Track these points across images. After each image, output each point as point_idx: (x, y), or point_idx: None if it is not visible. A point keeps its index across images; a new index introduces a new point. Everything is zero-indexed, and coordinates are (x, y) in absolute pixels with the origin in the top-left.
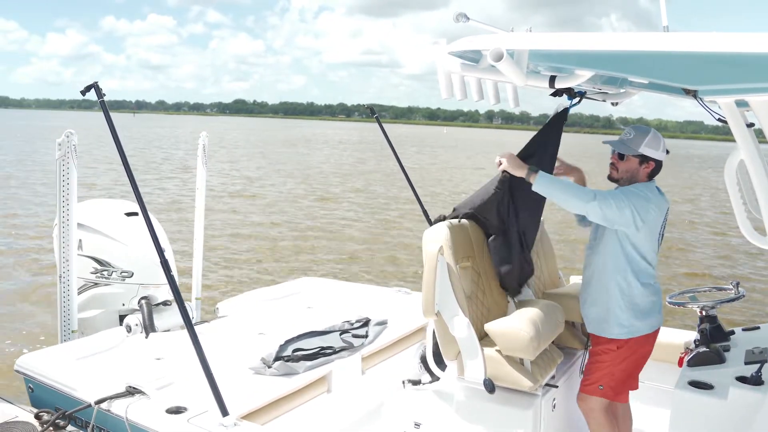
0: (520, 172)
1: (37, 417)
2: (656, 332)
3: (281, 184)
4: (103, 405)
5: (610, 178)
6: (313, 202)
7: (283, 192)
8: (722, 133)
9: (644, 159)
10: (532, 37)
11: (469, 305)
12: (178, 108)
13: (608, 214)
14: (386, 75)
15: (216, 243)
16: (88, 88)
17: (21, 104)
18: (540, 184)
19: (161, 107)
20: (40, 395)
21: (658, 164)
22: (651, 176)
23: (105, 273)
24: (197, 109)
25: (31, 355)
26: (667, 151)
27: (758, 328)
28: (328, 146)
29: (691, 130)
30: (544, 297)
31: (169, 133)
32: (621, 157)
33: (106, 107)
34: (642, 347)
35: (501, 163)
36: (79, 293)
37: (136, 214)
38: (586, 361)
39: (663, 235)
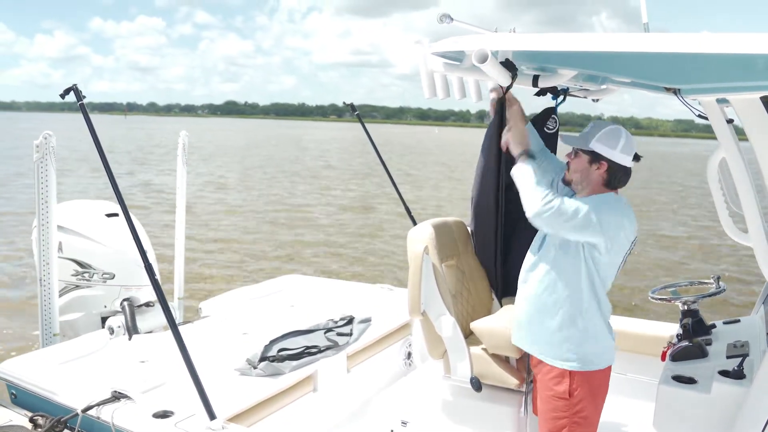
0: (516, 149)
1: (32, 421)
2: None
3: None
4: (90, 412)
5: (563, 180)
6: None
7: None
8: (711, 131)
9: (594, 158)
10: (515, 37)
11: (455, 304)
12: (169, 110)
13: (565, 212)
14: (377, 75)
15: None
16: (67, 91)
17: (11, 107)
18: (518, 168)
19: (152, 109)
20: (23, 401)
21: (614, 167)
22: (609, 185)
23: (86, 275)
24: (188, 110)
25: (13, 360)
26: (639, 157)
27: (738, 321)
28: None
29: (681, 129)
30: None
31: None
32: (575, 153)
33: (85, 110)
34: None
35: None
36: (59, 296)
37: (116, 215)
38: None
39: (624, 262)
